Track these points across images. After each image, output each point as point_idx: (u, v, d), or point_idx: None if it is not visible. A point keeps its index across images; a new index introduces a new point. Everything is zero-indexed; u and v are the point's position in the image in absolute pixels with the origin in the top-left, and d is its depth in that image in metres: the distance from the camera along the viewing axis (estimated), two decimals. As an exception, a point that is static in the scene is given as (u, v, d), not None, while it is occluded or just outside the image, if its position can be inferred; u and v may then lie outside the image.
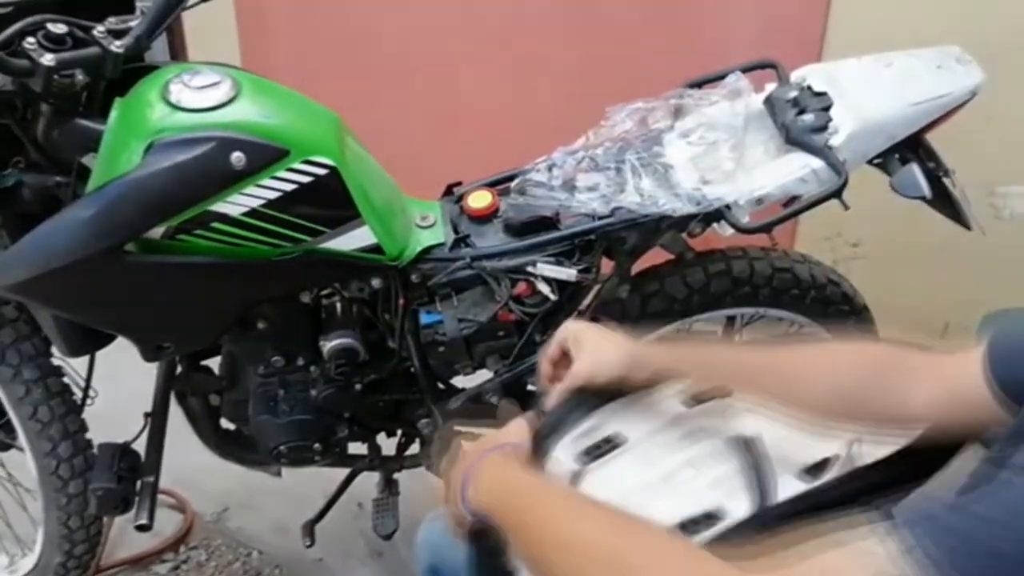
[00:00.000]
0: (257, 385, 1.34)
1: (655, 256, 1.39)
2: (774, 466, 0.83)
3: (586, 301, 1.36)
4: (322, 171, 1.13)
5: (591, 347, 0.91)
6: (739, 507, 0.79)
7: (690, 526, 0.77)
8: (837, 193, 1.18)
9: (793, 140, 1.23)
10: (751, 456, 0.84)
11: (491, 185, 1.38)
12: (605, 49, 2.11)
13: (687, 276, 1.39)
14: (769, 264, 1.40)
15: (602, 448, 0.88)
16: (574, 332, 0.93)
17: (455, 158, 2.00)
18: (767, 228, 1.25)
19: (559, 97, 2.16)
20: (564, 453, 0.88)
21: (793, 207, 1.24)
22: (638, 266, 1.38)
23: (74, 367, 1.46)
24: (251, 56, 2.38)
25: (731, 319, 1.51)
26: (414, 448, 1.54)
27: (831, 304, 1.44)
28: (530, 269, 1.26)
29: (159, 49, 2.21)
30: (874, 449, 0.82)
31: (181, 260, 1.13)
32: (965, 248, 1.61)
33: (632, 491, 0.83)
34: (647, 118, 1.36)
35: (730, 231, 1.24)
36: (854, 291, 1.48)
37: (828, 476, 0.82)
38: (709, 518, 0.78)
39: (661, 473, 0.85)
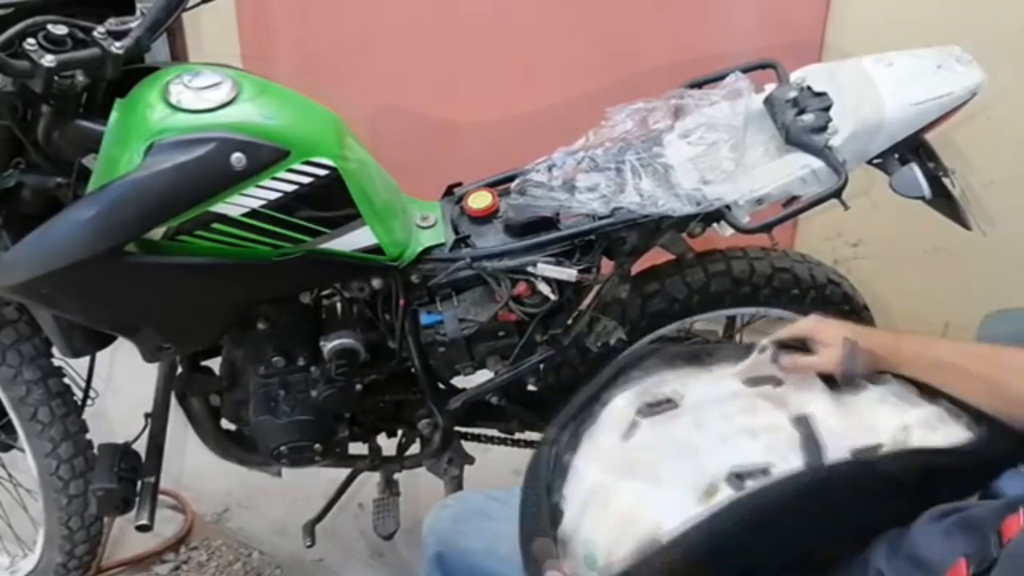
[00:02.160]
0: (258, 386, 1.34)
1: (655, 256, 1.39)
2: (827, 441, 0.85)
3: (586, 301, 1.36)
4: (322, 172, 1.13)
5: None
6: (790, 464, 0.81)
7: (742, 476, 0.80)
8: (837, 193, 1.18)
9: (793, 140, 1.23)
10: (805, 430, 0.86)
11: (491, 185, 1.38)
12: (605, 49, 2.11)
13: (687, 276, 1.39)
14: (769, 264, 1.41)
15: (662, 406, 0.92)
16: (814, 330, 0.96)
17: (455, 158, 2.01)
18: (767, 228, 1.25)
19: (559, 97, 2.16)
20: (626, 402, 0.92)
21: (793, 207, 1.24)
22: (638, 266, 1.38)
23: (75, 368, 1.46)
24: (251, 57, 2.38)
25: (731, 319, 1.51)
26: (415, 448, 1.54)
27: (831, 304, 1.44)
28: (530, 269, 1.26)
29: (159, 50, 2.21)
30: (925, 435, 0.85)
31: (181, 261, 1.13)
32: (965, 248, 1.61)
33: (684, 445, 0.86)
34: (647, 118, 1.36)
35: (730, 231, 1.25)
36: (854, 291, 1.48)
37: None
38: (763, 472, 0.80)
39: (717, 435, 0.87)
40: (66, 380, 1.44)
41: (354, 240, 1.20)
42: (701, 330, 1.57)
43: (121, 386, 1.58)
